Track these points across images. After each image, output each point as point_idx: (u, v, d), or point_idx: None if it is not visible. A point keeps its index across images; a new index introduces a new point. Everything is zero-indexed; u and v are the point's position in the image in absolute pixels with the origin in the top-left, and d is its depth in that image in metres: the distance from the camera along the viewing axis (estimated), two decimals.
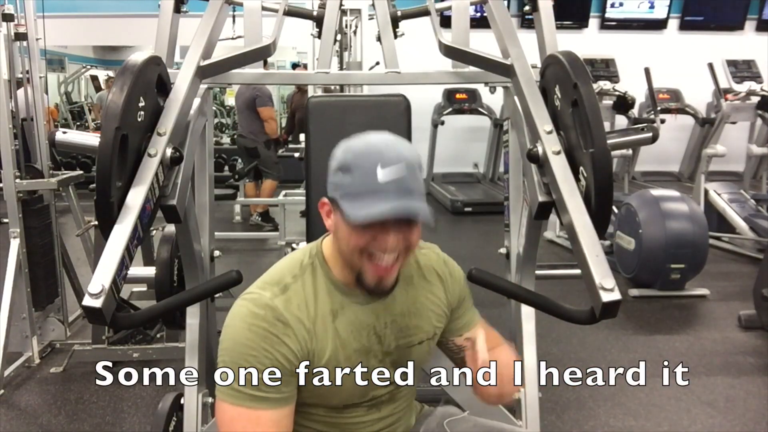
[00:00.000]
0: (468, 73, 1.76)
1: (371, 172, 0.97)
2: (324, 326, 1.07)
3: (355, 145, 1.03)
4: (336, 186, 1.02)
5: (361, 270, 1.03)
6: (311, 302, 1.07)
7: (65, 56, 10.35)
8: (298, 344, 1.03)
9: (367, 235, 0.99)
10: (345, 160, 1.01)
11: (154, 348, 2.80)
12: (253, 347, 1.01)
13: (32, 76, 2.92)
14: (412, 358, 1.16)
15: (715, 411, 2.45)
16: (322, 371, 1.06)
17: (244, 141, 5.33)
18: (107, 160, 1.11)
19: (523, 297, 1.36)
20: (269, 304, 1.03)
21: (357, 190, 0.98)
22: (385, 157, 0.98)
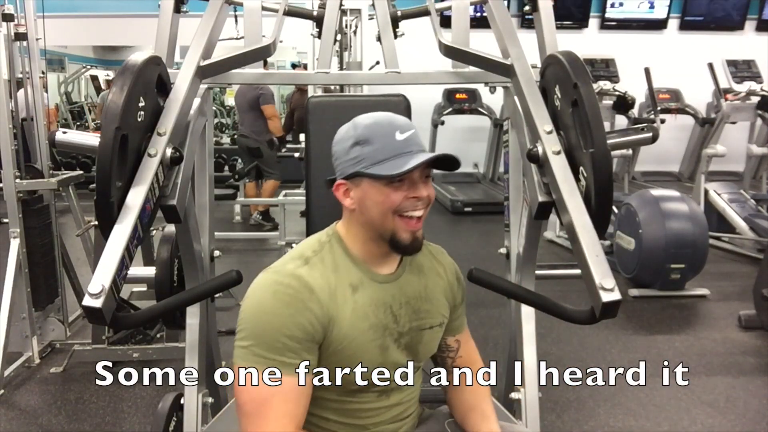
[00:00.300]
0: (468, 73, 1.76)
1: (391, 136, 1.09)
2: (344, 297, 1.10)
3: (364, 121, 1.12)
4: (357, 159, 1.09)
5: (394, 231, 1.09)
6: (332, 274, 1.11)
7: (65, 56, 10.35)
8: (321, 310, 1.06)
9: (400, 192, 1.07)
10: (361, 135, 1.10)
11: (154, 348, 2.80)
12: (277, 313, 1.03)
13: (32, 76, 2.92)
14: (423, 342, 1.20)
15: (715, 411, 2.45)
16: (342, 340, 1.08)
17: (247, 141, 5.31)
18: (107, 160, 1.11)
19: (523, 297, 1.36)
20: (293, 273, 1.07)
21: (383, 155, 1.07)
22: (397, 124, 1.11)
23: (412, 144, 1.09)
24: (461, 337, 1.31)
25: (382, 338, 1.13)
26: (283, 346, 1.02)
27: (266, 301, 1.05)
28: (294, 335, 1.03)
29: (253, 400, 1.03)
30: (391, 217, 1.08)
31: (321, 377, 1.10)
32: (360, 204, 1.11)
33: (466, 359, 1.31)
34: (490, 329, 2.81)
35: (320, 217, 1.61)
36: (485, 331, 2.97)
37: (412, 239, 1.10)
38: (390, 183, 1.07)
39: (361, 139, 1.10)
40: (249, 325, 1.05)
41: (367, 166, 1.08)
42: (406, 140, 1.09)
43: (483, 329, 2.99)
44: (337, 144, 1.14)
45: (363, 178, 1.09)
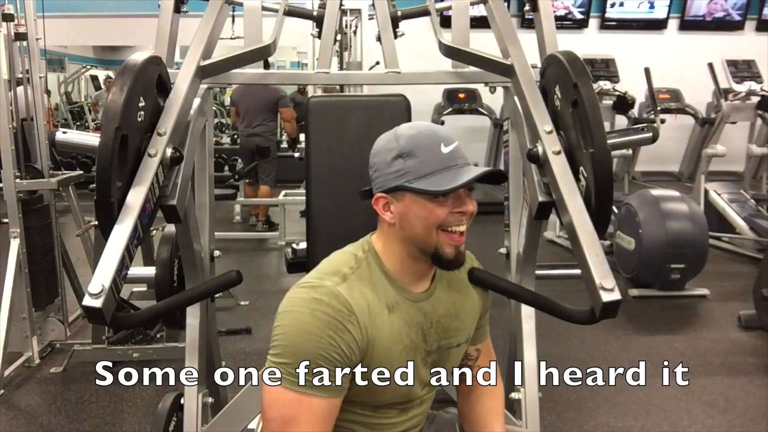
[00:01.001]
0: (468, 73, 1.76)
1: (436, 149, 1.05)
2: (381, 318, 1.07)
3: (407, 132, 1.09)
4: (400, 173, 1.06)
5: (438, 245, 1.07)
6: (370, 293, 1.07)
7: (65, 56, 10.35)
8: (359, 333, 1.03)
9: (446, 207, 1.05)
10: (404, 147, 1.06)
11: (154, 348, 2.80)
12: (316, 333, 1.00)
13: (32, 76, 2.92)
14: (450, 359, 1.19)
15: (715, 411, 2.45)
16: (377, 363, 1.06)
17: (259, 140, 5.29)
18: (107, 160, 1.11)
19: (523, 297, 1.36)
20: (333, 291, 1.03)
21: (429, 169, 1.04)
22: (441, 136, 1.08)
23: (457, 157, 1.06)
24: (483, 345, 1.29)
25: (414, 358, 1.12)
26: (317, 367, 0.99)
27: (304, 318, 1.01)
28: (331, 357, 1.00)
29: (282, 418, 1.01)
30: (435, 232, 1.05)
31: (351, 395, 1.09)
32: (401, 219, 1.07)
33: (484, 370, 1.28)
34: (490, 329, 2.78)
35: (320, 217, 1.61)
36: None
37: (456, 254, 1.08)
38: (435, 198, 1.04)
39: (404, 151, 1.06)
40: (285, 342, 1.01)
41: (411, 180, 1.04)
42: (451, 153, 1.06)
43: None
44: (377, 155, 1.10)
45: (406, 192, 1.05)
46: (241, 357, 2.90)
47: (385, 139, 1.11)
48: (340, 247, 1.17)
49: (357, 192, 1.19)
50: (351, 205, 1.29)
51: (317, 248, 1.59)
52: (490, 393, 1.27)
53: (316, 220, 1.62)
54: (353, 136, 1.60)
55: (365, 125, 1.60)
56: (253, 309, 3.49)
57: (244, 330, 3.17)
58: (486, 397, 1.26)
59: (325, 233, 1.59)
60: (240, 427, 1.59)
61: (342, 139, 1.61)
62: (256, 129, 5.30)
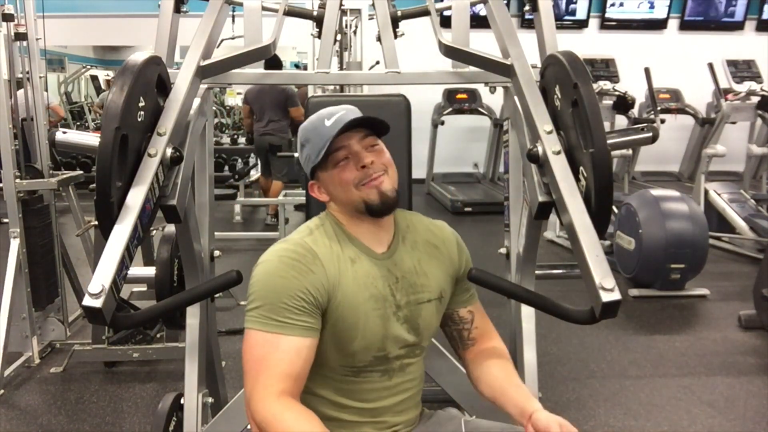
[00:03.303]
0: (468, 73, 1.76)
1: (321, 126, 1.18)
2: (345, 267, 1.15)
3: (303, 125, 1.24)
4: (307, 159, 1.21)
5: (363, 197, 1.16)
6: (335, 244, 1.18)
7: (65, 56, 10.36)
8: (325, 275, 1.12)
9: (348, 169, 1.16)
10: (302, 137, 1.22)
11: (154, 348, 2.80)
12: (282, 275, 1.09)
13: (32, 76, 2.92)
14: (422, 317, 1.22)
15: (715, 411, 2.45)
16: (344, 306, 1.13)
17: (272, 138, 5.53)
18: (107, 160, 1.11)
19: (523, 297, 1.36)
20: (299, 241, 1.16)
21: (318, 145, 1.17)
22: (326, 113, 1.20)
23: (338, 123, 1.16)
24: (474, 308, 1.32)
25: (383, 309, 1.16)
26: (284, 306, 1.07)
27: (272, 265, 1.11)
28: (297, 296, 1.08)
29: (254, 359, 1.08)
30: (354, 190, 1.15)
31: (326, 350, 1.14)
32: (329, 193, 1.21)
33: (482, 330, 1.31)
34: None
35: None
36: None
37: (380, 195, 1.15)
38: (336, 164, 1.17)
39: (303, 140, 1.22)
40: (255, 289, 1.10)
41: (313, 161, 1.19)
42: (333, 123, 1.16)
43: None
44: (299, 153, 1.26)
45: (318, 172, 1.21)
46: (241, 357, 2.90)
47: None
48: None
49: None
50: None
51: None
52: (497, 353, 1.28)
53: None
54: None
55: None
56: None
57: (244, 330, 3.16)
58: (495, 356, 1.27)
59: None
60: (240, 427, 1.59)
61: None
62: (268, 128, 5.54)
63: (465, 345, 1.31)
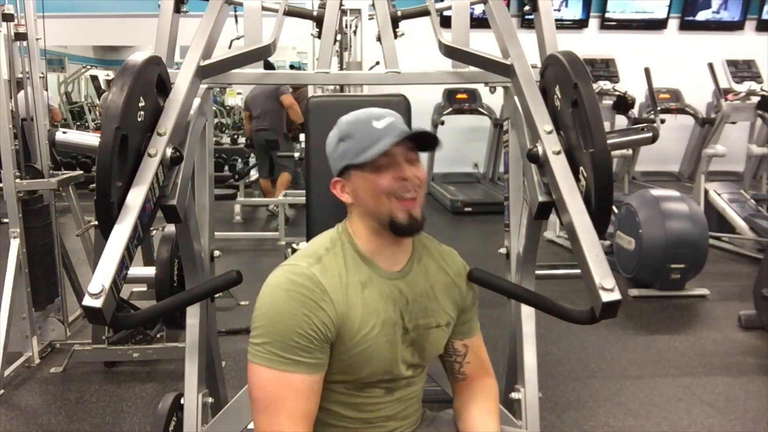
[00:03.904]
0: (468, 73, 1.76)
1: (368, 126, 1.14)
2: (355, 294, 1.12)
3: (345, 119, 1.19)
4: (342, 155, 1.16)
5: (391, 212, 1.12)
6: (343, 272, 1.13)
7: (65, 56, 10.36)
8: (333, 310, 1.09)
9: (386, 176, 1.12)
10: (342, 131, 1.17)
11: (154, 348, 2.79)
12: (291, 312, 1.06)
13: (32, 76, 2.92)
14: (429, 341, 1.21)
15: (715, 411, 2.45)
16: (353, 337, 1.10)
17: (266, 134, 5.64)
18: (107, 160, 1.11)
19: (523, 297, 1.36)
20: (306, 273, 1.10)
21: (363, 145, 1.12)
22: (374, 114, 1.16)
23: (390, 129, 1.13)
24: (470, 342, 1.30)
25: (392, 334, 1.15)
26: (296, 344, 1.05)
27: (280, 299, 1.07)
28: (307, 334, 1.05)
29: (266, 397, 1.05)
30: (386, 200, 1.12)
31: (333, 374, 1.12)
32: (355, 196, 1.16)
33: (474, 367, 1.29)
34: (490, 329, 2.77)
35: (320, 216, 1.61)
36: (485, 331, 2.93)
37: (409, 218, 1.13)
38: (376, 169, 1.12)
39: (343, 135, 1.16)
40: (263, 323, 1.07)
41: (351, 158, 1.13)
42: (385, 127, 1.13)
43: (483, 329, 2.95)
44: (327, 146, 1.21)
45: (351, 171, 1.15)
46: (241, 357, 2.90)
47: (332, 130, 1.21)
48: None
49: None
50: None
51: None
52: (484, 392, 1.27)
53: (316, 220, 1.62)
54: None
55: None
56: (253, 309, 3.48)
57: (244, 330, 3.17)
58: (480, 395, 1.26)
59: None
60: (240, 427, 1.59)
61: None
62: (263, 123, 5.66)
63: (456, 378, 1.30)
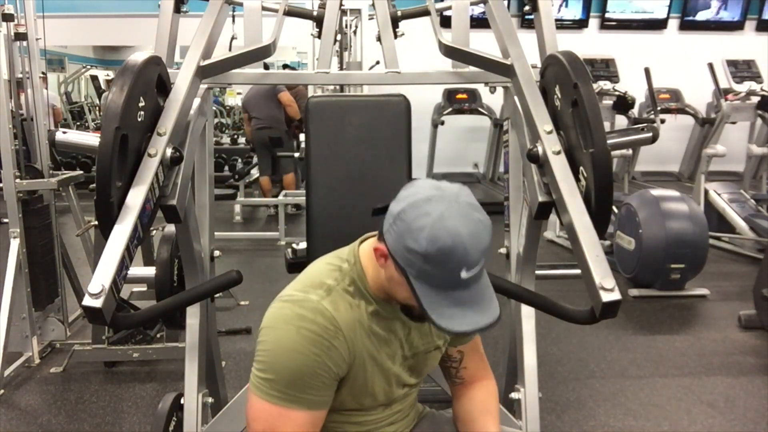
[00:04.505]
0: (468, 73, 1.76)
1: (456, 272, 0.94)
2: (363, 330, 1.08)
3: (440, 239, 0.93)
4: (409, 262, 0.95)
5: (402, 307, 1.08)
6: (355, 306, 1.07)
7: (65, 56, 10.36)
8: (346, 348, 1.04)
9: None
10: (427, 252, 0.93)
11: (154, 348, 2.80)
12: (302, 352, 0.99)
13: (32, 76, 2.92)
14: (427, 363, 1.21)
15: (715, 411, 2.45)
16: (362, 373, 1.08)
17: (270, 132, 5.67)
18: (107, 160, 1.11)
19: (523, 297, 1.36)
20: (317, 308, 1.02)
21: (438, 282, 0.95)
22: (470, 259, 0.94)
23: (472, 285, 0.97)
24: (465, 347, 1.28)
25: (393, 366, 1.14)
26: (304, 384, 1.00)
27: (289, 336, 1.00)
28: (317, 374, 1.01)
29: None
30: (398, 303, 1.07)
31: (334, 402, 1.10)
32: (389, 279, 1.03)
33: (471, 371, 1.28)
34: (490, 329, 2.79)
35: (320, 217, 1.61)
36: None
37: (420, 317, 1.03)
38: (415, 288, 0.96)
39: (429, 257, 0.93)
40: (270, 359, 1.01)
41: (417, 276, 0.96)
42: (467, 281, 0.95)
43: None
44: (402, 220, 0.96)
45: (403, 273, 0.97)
46: (241, 357, 2.90)
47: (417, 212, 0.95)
48: (339, 247, 1.17)
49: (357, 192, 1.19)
50: (351, 206, 1.29)
51: (317, 248, 1.59)
52: (482, 394, 1.27)
53: (316, 220, 1.62)
54: (353, 136, 1.60)
55: (365, 125, 1.60)
56: (253, 309, 3.48)
57: (244, 330, 3.17)
58: (478, 397, 1.26)
59: (325, 233, 1.59)
60: (240, 427, 1.59)
61: (342, 139, 1.61)
62: (264, 122, 5.69)
63: (453, 382, 1.30)
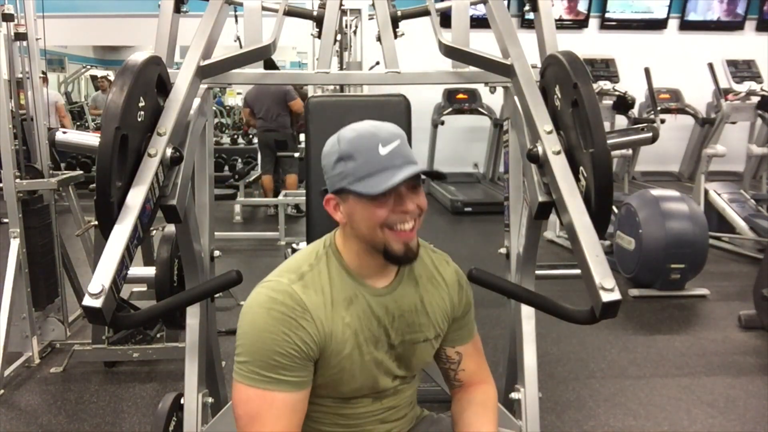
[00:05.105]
0: (468, 73, 1.76)
1: (373, 151, 1.05)
2: (339, 312, 1.10)
3: (347, 135, 1.09)
4: (341, 176, 1.07)
5: (386, 243, 1.08)
6: (327, 289, 1.11)
7: (65, 56, 10.36)
8: (315, 328, 1.07)
9: (386, 207, 1.05)
10: (344, 150, 1.07)
11: (154, 348, 2.80)
12: (271, 331, 1.04)
13: (32, 76, 2.92)
14: (416, 355, 1.19)
15: (715, 411, 2.45)
16: (337, 355, 1.09)
17: (276, 134, 5.79)
18: (107, 160, 1.11)
19: (523, 297, 1.36)
20: (287, 290, 1.07)
21: (366, 171, 1.04)
22: (381, 137, 1.06)
23: (396, 157, 1.05)
24: (464, 348, 1.27)
25: (377, 351, 1.14)
26: (276, 363, 1.04)
27: (260, 318, 1.05)
28: (287, 353, 1.04)
29: (248, 416, 1.05)
30: (380, 231, 1.07)
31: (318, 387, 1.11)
32: (349, 219, 1.10)
33: (470, 373, 1.28)
34: (490, 329, 2.80)
35: (320, 217, 1.60)
36: (485, 331, 2.95)
37: (405, 250, 1.08)
38: (374, 199, 1.04)
39: (344, 154, 1.06)
40: (244, 341, 1.06)
41: (351, 182, 1.05)
42: (389, 154, 1.05)
43: (483, 329, 2.94)
44: (324, 158, 1.12)
45: (349, 194, 1.07)
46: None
47: (331, 142, 1.12)
48: None
49: None
50: None
51: None
52: (480, 398, 1.26)
53: (316, 220, 1.62)
54: None
55: None
56: None
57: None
58: (476, 402, 1.25)
59: (325, 233, 1.59)
60: None
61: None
62: (271, 125, 5.78)
63: (452, 385, 1.29)
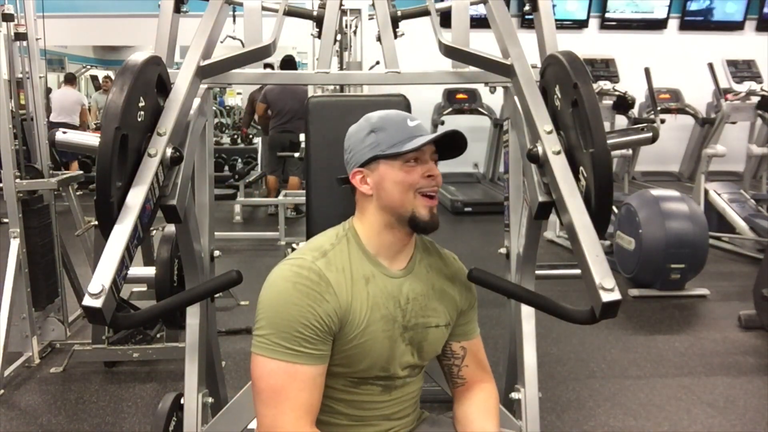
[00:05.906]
0: (468, 73, 1.76)
1: (403, 123, 1.19)
2: (358, 288, 1.14)
3: (377, 114, 1.22)
4: (372, 145, 1.17)
5: (415, 208, 1.16)
6: (347, 267, 1.15)
7: (65, 56, 10.36)
8: (338, 302, 1.10)
9: (417, 171, 1.15)
10: (375, 124, 1.19)
11: (154, 348, 2.80)
12: (296, 303, 1.07)
13: (32, 76, 2.92)
14: (428, 340, 1.22)
15: (715, 411, 2.46)
16: (355, 329, 1.12)
17: (291, 136, 5.83)
18: (107, 160, 1.11)
19: (523, 297, 1.36)
20: (311, 266, 1.11)
21: (398, 138, 1.16)
22: (407, 115, 1.22)
23: (421, 129, 1.19)
24: (469, 345, 1.30)
25: (392, 330, 1.16)
26: (300, 335, 1.06)
27: (286, 291, 1.08)
28: (312, 325, 1.06)
29: (270, 389, 1.06)
30: (412, 195, 1.15)
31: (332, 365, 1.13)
32: (378, 187, 1.17)
33: (473, 371, 1.29)
34: (490, 329, 2.80)
35: (320, 217, 1.61)
36: (485, 331, 2.93)
37: (430, 216, 1.17)
38: (406, 163, 1.15)
39: (376, 127, 1.18)
40: (267, 314, 1.08)
41: (383, 149, 1.16)
42: (416, 126, 1.19)
43: (483, 329, 2.93)
44: (351, 137, 1.22)
45: (380, 162, 1.16)
46: (241, 357, 2.90)
47: (357, 124, 1.23)
48: None
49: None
50: (351, 206, 1.29)
51: None
52: (483, 396, 1.27)
53: (316, 220, 1.62)
54: None
55: None
56: (253, 309, 3.46)
57: (244, 330, 3.17)
58: (479, 400, 1.26)
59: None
60: (240, 427, 1.59)
61: (342, 139, 1.61)
62: (288, 125, 5.86)
63: (455, 383, 1.30)
